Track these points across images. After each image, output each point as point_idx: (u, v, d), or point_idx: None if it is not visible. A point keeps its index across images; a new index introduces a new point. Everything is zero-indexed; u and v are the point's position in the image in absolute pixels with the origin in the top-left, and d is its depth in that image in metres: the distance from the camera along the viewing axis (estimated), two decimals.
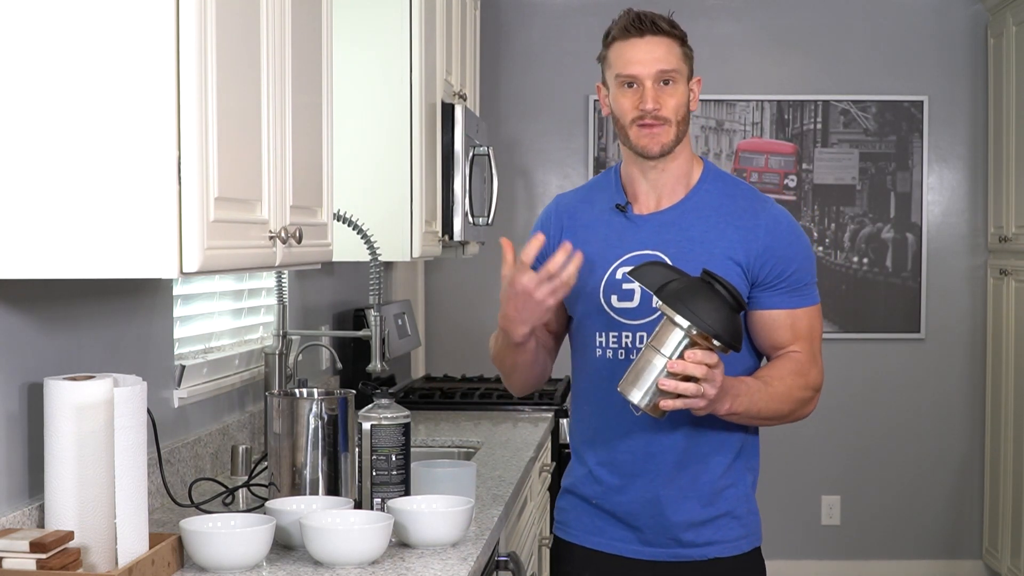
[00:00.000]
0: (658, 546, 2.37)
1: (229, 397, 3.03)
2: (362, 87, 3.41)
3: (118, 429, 1.88)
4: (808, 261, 2.37)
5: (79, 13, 1.73)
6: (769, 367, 2.36)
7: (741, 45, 5.64)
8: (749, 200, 2.38)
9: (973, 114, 5.64)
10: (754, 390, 2.27)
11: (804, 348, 2.35)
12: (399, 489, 2.32)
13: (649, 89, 2.30)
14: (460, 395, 4.22)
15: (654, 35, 2.31)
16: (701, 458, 2.35)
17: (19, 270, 1.77)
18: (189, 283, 2.82)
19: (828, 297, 5.66)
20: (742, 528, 2.39)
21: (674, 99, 2.32)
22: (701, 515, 2.35)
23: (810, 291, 2.37)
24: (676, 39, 2.34)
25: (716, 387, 2.13)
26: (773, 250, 2.32)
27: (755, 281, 2.32)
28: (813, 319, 2.37)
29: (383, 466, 2.31)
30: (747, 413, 2.27)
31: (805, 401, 2.36)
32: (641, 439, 2.35)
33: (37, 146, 1.75)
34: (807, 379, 2.35)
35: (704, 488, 2.35)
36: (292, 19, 2.18)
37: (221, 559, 2.01)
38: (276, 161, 2.10)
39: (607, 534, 2.41)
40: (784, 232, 2.34)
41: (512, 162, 5.64)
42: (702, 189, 2.38)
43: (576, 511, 2.46)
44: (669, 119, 2.31)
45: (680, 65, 2.32)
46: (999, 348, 5.42)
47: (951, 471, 5.70)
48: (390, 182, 3.41)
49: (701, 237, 2.33)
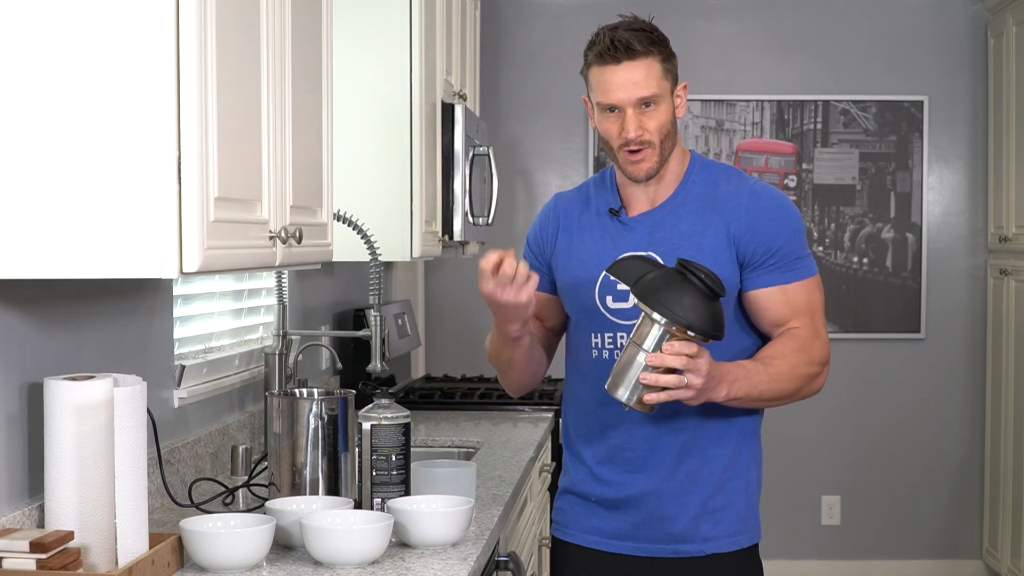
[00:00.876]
0: (657, 542, 2.37)
1: (229, 397, 3.03)
2: (362, 87, 3.40)
3: (118, 429, 1.88)
4: (797, 234, 2.34)
5: (79, 13, 1.73)
6: (770, 346, 2.33)
7: (741, 45, 5.64)
8: (731, 183, 2.37)
9: (973, 114, 5.64)
10: (753, 373, 2.25)
11: (804, 323, 2.32)
12: (399, 489, 2.32)
13: (631, 117, 2.29)
14: (460, 395, 4.22)
15: (631, 60, 2.28)
16: (702, 452, 2.35)
17: (19, 270, 1.77)
18: (189, 283, 2.82)
19: (828, 297, 5.63)
20: (740, 524, 2.38)
21: (656, 120, 2.30)
22: (701, 510, 2.35)
23: (803, 264, 2.34)
24: (656, 56, 2.29)
25: (702, 376, 2.12)
26: (755, 227, 2.31)
27: (744, 261, 2.31)
28: (811, 291, 2.34)
29: (383, 466, 2.31)
30: (749, 397, 2.25)
31: (811, 377, 2.32)
32: (641, 435, 2.35)
33: (37, 146, 1.75)
34: (810, 354, 2.31)
35: (705, 482, 2.35)
36: (292, 19, 2.18)
37: (221, 559, 2.01)
38: (276, 161, 2.10)
39: (605, 533, 2.41)
40: (765, 207, 2.33)
41: (512, 162, 5.64)
42: (690, 181, 2.38)
43: (574, 511, 2.46)
44: (653, 142, 2.31)
45: (660, 84, 2.29)
46: (999, 348, 5.42)
47: (951, 471, 5.70)
48: (390, 182, 3.41)
49: (690, 230, 2.33)
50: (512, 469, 3.01)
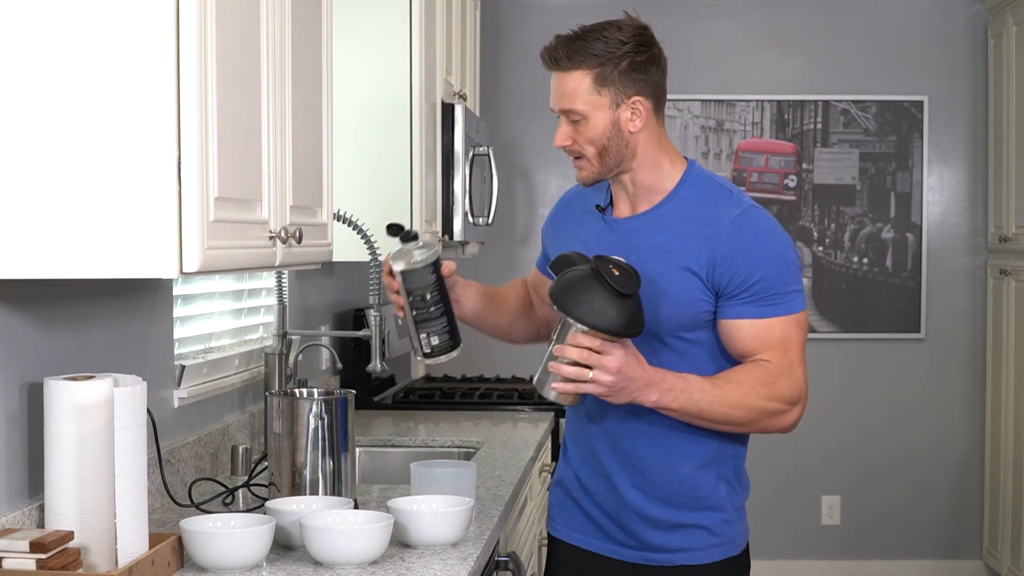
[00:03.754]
0: (631, 547, 2.36)
1: (229, 397, 3.03)
2: (362, 87, 3.41)
3: (118, 429, 1.88)
4: (779, 269, 2.22)
5: (79, 13, 1.73)
6: (732, 370, 2.25)
7: (741, 45, 5.64)
8: (719, 207, 2.26)
9: (973, 114, 5.64)
10: (695, 389, 2.19)
11: (775, 357, 2.22)
12: (442, 323, 2.34)
13: (560, 125, 2.27)
14: (460, 395, 4.22)
15: (560, 70, 2.25)
16: (669, 463, 2.31)
17: (19, 270, 1.77)
18: (189, 283, 2.82)
19: (828, 297, 5.67)
20: (713, 538, 2.33)
21: (585, 135, 2.25)
22: (669, 520, 2.32)
23: (783, 300, 2.23)
24: (587, 69, 2.22)
25: (610, 374, 2.11)
26: (731, 259, 2.21)
27: (718, 290, 2.24)
28: (788, 328, 2.23)
29: (420, 305, 2.31)
30: (686, 411, 2.20)
31: (772, 413, 2.23)
32: (610, 441, 2.34)
33: (37, 146, 1.75)
34: (774, 389, 2.22)
35: (670, 492, 2.32)
36: (292, 19, 2.18)
37: (221, 559, 2.01)
38: (276, 161, 2.10)
39: (587, 531, 2.42)
40: (746, 241, 2.22)
41: (512, 162, 5.64)
42: (677, 196, 2.30)
43: (562, 507, 2.48)
44: (583, 154, 2.27)
45: (587, 100, 2.22)
46: (999, 348, 5.42)
47: (951, 471, 5.70)
48: (390, 182, 3.41)
49: (663, 246, 2.27)
50: (512, 469, 3.01)
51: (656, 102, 2.28)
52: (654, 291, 2.24)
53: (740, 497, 2.38)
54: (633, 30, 2.25)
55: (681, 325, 2.26)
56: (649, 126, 2.27)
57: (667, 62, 2.30)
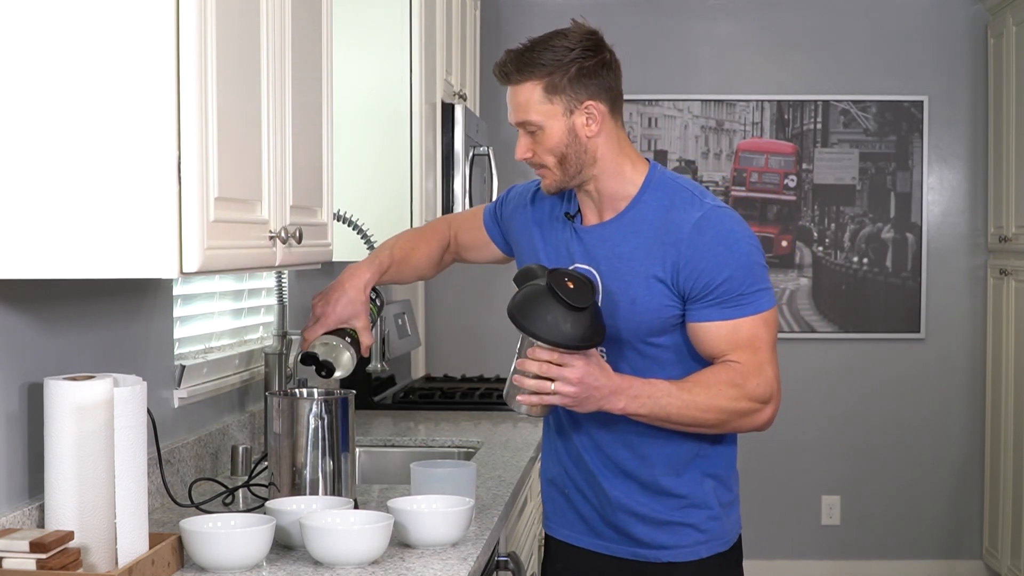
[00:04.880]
0: (618, 543, 2.37)
1: (229, 397, 3.03)
2: (362, 87, 3.41)
3: (118, 429, 1.88)
4: (743, 270, 2.21)
5: (79, 13, 1.73)
6: (700, 373, 2.25)
7: (741, 45, 5.64)
8: (682, 210, 2.25)
9: (973, 114, 5.64)
10: (662, 394, 2.19)
11: (744, 357, 2.22)
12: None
13: (519, 138, 2.28)
14: (460, 395, 4.22)
15: (511, 84, 2.26)
16: (648, 464, 2.32)
17: (19, 270, 1.77)
18: (189, 283, 2.82)
19: (828, 297, 5.67)
20: (700, 534, 2.34)
21: (543, 145, 2.25)
22: (656, 517, 2.33)
23: (749, 300, 2.22)
24: (537, 79, 2.22)
25: (571, 385, 2.13)
26: (694, 263, 2.21)
27: (683, 294, 2.24)
28: (756, 327, 2.23)
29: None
30: (655, 416, 2.21)
31: (743, 413, 2.23)
32: (591, 443, 2.36)
33: (37, 146, 1.75)
34: (743, 389, 2.21)
35: (653, 492, 2.33)
36: (292, 19, 2.18)
37: (221, 559, 2.01)
38: (276, 161, 2.11)
39: (578, 528, 2.43)
40: (707, 244, 2.21)
41: (512, 162, 5.64)
42: (640, 201, 2.29)
43: (553, 503, 2.49)
44: (544, 164, 2.28)
45: (541, 110, 2.23)
46: (999, 348, 5.42)
47: (951, 471, 5.70)
48: (390, 182, 3.41)
49: (630, 254, 2.27)
50: (512, 469, 3.01)
51: (611, 105, 2.27)
52: (622, 299, 2.25)
53: (729, 493, 2.38)
54: (580, 36, 2.27)
55: (650, 331, 2.27)
56: (607, 129, 2.27)
57: (620, 64, 2.29)
